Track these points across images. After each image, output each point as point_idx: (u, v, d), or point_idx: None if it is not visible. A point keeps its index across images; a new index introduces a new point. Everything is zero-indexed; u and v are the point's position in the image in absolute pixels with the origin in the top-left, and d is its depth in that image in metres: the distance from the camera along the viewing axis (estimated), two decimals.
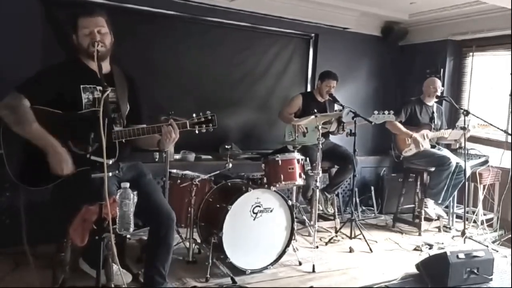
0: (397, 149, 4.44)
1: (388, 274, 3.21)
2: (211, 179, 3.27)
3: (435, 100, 4.50)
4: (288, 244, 3.22)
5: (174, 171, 3.26)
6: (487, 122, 4.00)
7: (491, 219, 4.44)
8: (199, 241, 3.26)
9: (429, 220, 4.40)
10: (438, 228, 4.43)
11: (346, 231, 4.05)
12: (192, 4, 4.33)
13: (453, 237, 4.19)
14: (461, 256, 2.98)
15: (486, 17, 4.64)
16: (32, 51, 3.62)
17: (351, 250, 3.70)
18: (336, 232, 4.06)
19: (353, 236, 3.99)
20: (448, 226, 4.51)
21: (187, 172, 3.28)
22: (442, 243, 3.93)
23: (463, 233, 3.92)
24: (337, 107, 4.36)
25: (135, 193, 1.98)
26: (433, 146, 4.46)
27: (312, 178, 3.70)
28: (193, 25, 4.56)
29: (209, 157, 4.48)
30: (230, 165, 3.28)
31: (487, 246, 3.57)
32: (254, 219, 3.08)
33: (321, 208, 4.34)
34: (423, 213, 4.26)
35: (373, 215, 4.97)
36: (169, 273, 2.51)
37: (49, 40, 3.78)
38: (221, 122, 2.44)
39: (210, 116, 2.32)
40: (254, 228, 3.08)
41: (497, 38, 4.66)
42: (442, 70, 5.13)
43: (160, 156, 4.00)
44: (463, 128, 4.05)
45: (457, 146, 4.42)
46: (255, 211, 3.08)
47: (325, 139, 4.27)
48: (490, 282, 3.07)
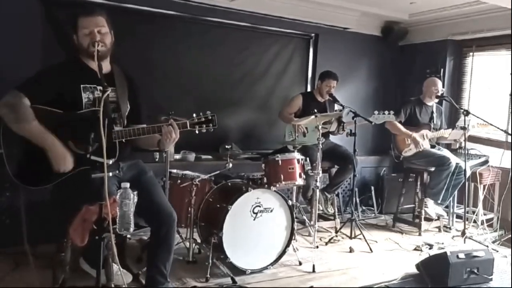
0: (397, 149, 4.44)
1: (388, 274, 3.21)
2: (211, 179, 3.27)
3: (436, 101, 4.49)
4: (288, 244, 3.22)
5: (174, 171, 3.25)
6: (487, 122, 4.00)
7: (491, 219, 4.44)
8: (199, 241, 3.25)
9: (429, 220, 4.40)
10: (438, 228, 4.43)
11: (346, 231, 4.05)
12: (192, 4, 4.33)
13: (453, 237, 4.19)
14: (461, 256, 2.98)
15: (486, 17, 4.64)
16: (32, 51, 3.62)
17: (351, 250, 3.70)
18: (336, 232, 4.06)
19: (353, 236, 3.99)
20: (448, 226, 4.51)
21: (187, 172, 3.28)
22: (442, 243, 3.93)
23: (463, 233, 3.92)
24: (337, 107, 4.36)
25: (135, 193, 1.98)
26: (433, 146, 4.46)
27: (312, 178, 3.70)
28: (193, 25, 4.56)
29: (209, 157, 4.48)
30: (230, 165, 3.27)
31: (487, 246, 3.57)
32: (254, 219, 3.08)
33: (321, 208, 4.34)
34: (423, 213, 4.26)
35: (373, 215, 4.97)
36: (169, 273, 2.50)
37: (49, 40, 3.78)
38: (221, 122, 2.44)
39: (211, 116, 2.32)
40: (254, 228, 3.08)
41: (497, 38, 4.66)
42: (442, 70, 5.13)
43: (160, 156, 4.00)
44: (463, 128, 4.05)
45: (457, 146, 4.41)
46: (255, 211, 3.08)
47: (325, 139, 4.27)
48: (490, 282, 3.07)
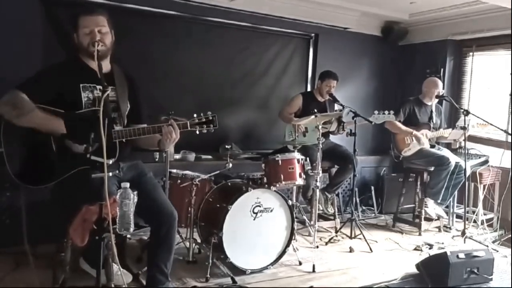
0: (397, 149, 4.44)
1: (388, 274, 3.21)
2: (211, 179, 3.27)
3: (435, 100, 4.49)
4: (288, 244, 3.22)
5: (174, 171, 3.25)
6: (487, 122, 4.00)
7: (491, 219, 4.44)
8: (199, 241, 3.26)
9: (429, 220, 4.40)
10: (438, 228, 4.43)
11: (346, 231, 4.05)
12: (193, 4, 4.33)
13: (453, 237, 4.19)
14: (461, 256, 2.98)
15: (486, 17, 4.64)
16: (33, 51, 3.62)
17: (351, 250, 3.70)
18: (336, 232, 4.06)
19: (353, 236, 3.98)
20: (448, 226, 4.51)
21: (187, 172, 3.28)
22: (442, 243, 3.93)
23: (463, 233, 3.92)
24: (337, 107, 4.36)
25: (135, 193, 1.98)
26: (433, 146, 4.46)
27: (312, 178, 3.70)
28: (194, 25, 4.56)
29: (209, 157, 4.48)
30: (230, 165, 3.27)
31: (487, 246, 3.56)
32: (254, 219, 3.08)
33: (321, 208, 4.34)
34: (423, 213, 4.26)
35: (373, 215, 4.97)
36: (170, 273, 2.50)
37: (50, 40, 3.79)
38: (221, 122, 2.43)
39: (211, 117, 2.32)
40: (254, 228, 3.08)
41: (497, 38, 4.65)
42: (442, 70, 5.13)
43: (160, 156, 3.99)
44: (463, 128, 4.05)
45: (457, 146, 4.41)
46: (255, 211, 3.08)
47: (325, 139, 4.27)
48: (490, 282, 3.07)
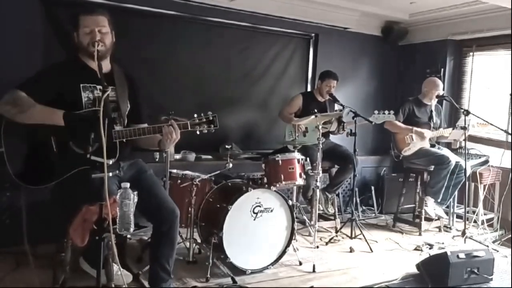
0: (396, 149, 4.44)
1: (389, 274, 3.21)
2: (212, 179, 3.27)
3: (436, 101, 4.49)
4: (289, 244, 3.22)
5: (175, 171, 3.25)
6: (487, 122, 4.00)
7: (492, 219, 4.44)
8: (200, 241, 3.25)
9: (430, 220, 4.39)
10: (439, 228, 4.43)
11: (347, 231, 4.05)
12: (193, 4, 4.33)
13: (454, 237, 4.19)
14: (462, 256, 2.98)
15: (486, 17, 4.64)
16: (33, 51, 3.62)
17: (352, 250, 3.70)
18: (337, 232, 4.06)
19: (354, 236, 3.98)
20: (449, 226, 4.51)
21: (188, 172, 3.28)
22: (443, 243, 3.93)
23: (464, 233, 3.92)
24: (337, 107, 4.36)
25: (136, 193, 1.98)
26: (433, 146, 4.46)
27: (313, 178, 3.70)
28: (194, 25, 4.55)
29: (209, 157, 4.48)
30: (230, 165, 3.27)
31: (488, 246, 3.57)
32: (255, 219, 3.08)
33: (322, 208, 4.33)
34: (424, 213, 4.26)
35: (374, 215, 4.97)
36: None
37: (50, 40, 3.79)
38: (221, 122, 2.43)
39: (212, 117, 2.31)
40: (255, 228, 3.08)
41: (497, 38, 4.65)
42: (442, 70, 5.13)
43: (161, 156, 3.99)
44: (463, 128, 4.05)
45: (458, 146, 4.41)
46: (256, 211, 3.08)
47: (325, 139, 4.27)
48: (491, 282, 3.07)
